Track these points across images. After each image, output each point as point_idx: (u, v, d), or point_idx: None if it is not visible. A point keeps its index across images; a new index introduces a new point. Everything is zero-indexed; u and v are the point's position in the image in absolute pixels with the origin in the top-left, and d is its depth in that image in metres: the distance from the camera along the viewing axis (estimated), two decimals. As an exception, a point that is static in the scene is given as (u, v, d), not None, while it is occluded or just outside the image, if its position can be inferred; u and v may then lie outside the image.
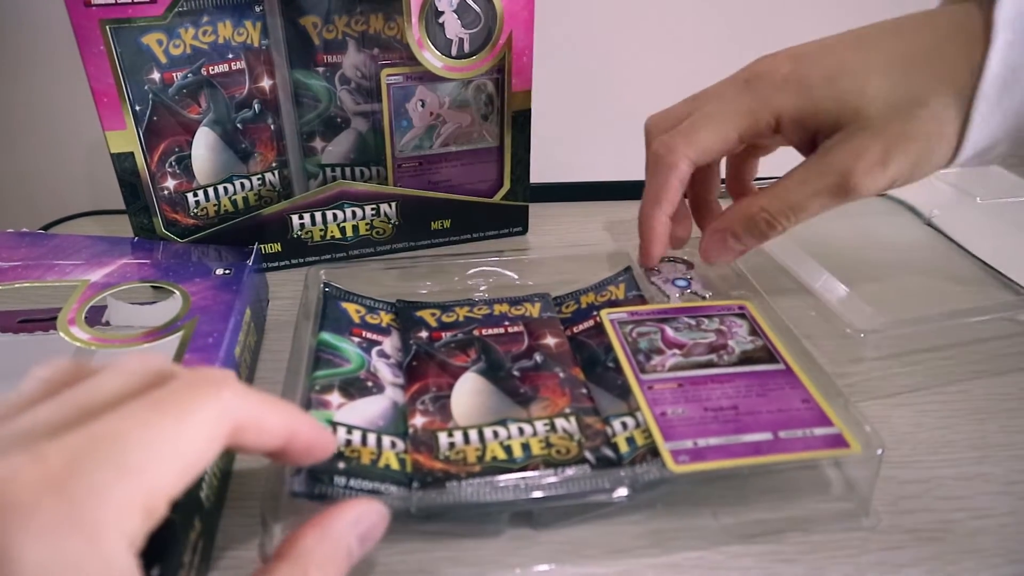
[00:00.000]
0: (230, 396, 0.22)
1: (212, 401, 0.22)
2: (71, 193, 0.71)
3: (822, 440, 0.32)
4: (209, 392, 0.22)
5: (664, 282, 0.44)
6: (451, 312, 0.42)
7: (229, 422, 0.22)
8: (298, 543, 0.25)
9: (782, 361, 0.37)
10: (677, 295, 0.43)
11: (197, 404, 0.22)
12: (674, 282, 0.44)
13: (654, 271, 0.45)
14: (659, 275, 0.45)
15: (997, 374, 0.42)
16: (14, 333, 0.40)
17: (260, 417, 0.24)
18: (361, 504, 0.27)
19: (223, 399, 0.22)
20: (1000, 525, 0.33)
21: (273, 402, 0.25)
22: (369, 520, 0.27)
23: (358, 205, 0.50)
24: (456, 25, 0.47)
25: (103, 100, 0.42)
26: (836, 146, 0.36)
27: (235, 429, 0.23)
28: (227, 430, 0.22)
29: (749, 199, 0.39)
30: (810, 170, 0.37)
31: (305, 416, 0.26)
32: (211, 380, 0.23)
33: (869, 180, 0.35)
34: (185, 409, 0.21)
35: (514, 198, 0.55)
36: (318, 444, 0.26)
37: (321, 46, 0.48)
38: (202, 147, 0.47)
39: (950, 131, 0.35)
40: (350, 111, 0.51)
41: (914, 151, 0.35)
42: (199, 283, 0.41)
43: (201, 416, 0.21)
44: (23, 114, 0.67)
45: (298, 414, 0.26)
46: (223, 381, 0.23)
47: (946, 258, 0.52)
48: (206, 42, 0.45)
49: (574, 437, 0.34)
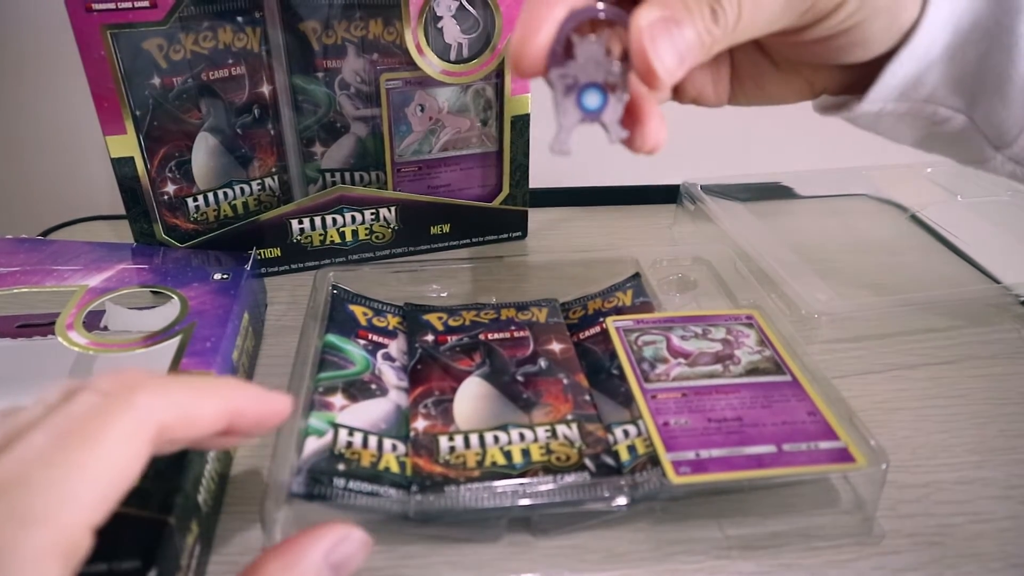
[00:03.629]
0: (146, 400, 0.21)
1: (124, 413, 0.20)
2: (72, 198, 0.71)
3: (827, 454, 0.32)
4: (119, 404, 0.20)
5: (565, 90, 0.27)
6: (458, 316, 0.42)
7: (150, 428, 0.21)
8: (260, 572, 0.22)
9: (789, 372, 0.36)
10: (575, 120, 0.27)
11: (107, 422, 0.20)
12: (581, 95, 0.27)
13: (556, 66, 0.27)
14: (563, 75, 0.27)
15: (997, 379, 0.42)
16: (12, 338, 0.39)
17: (188, 409, 0.22)
18: (338, 530, 0.24)
19: (137, 406, 0.21)
20: (1000, 530, 0.33)
21: (202, 387, 0.23)
22: (346, 549, 0.24)
23: (357, 210, 0.50)
24: (455, 30, 0.47)
25: (103, 105, 0.42)
26: None
27: (161, 430, 0.21)
28: (149, 436, 0.21)
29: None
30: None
31: (244, 388, 0.25)
32: (123, 388, 0.21)
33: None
34: (92, 432, 0.20)
35: (513, 203, 0.55)
36: (269, 412, 0.25)
37: (320, 51, 0.48)
38: (202, 152, 0.47)
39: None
40: (349, 116, 0.51)
41: None
42: (197, 288, 0.41)
43: (113, 434, 0.20)
44: (24, 119, 0.67)
45: (235, 389, 0.24)
46: (136, 385, 0.21)
47: (926, 251, 0.55)
48: (206, 47, 0.45)
49: (575, 444, 0.33)
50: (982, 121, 0.32)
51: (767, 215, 0.57)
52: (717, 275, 0.47)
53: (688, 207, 0.55)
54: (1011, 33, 0.29)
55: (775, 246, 0.48)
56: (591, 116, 0.27)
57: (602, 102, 0.27)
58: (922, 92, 0.31)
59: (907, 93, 0.31)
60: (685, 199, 0.56)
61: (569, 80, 0.27)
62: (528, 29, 0.26)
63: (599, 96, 0.27)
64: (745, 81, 0.34)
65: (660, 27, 0.26)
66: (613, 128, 0.28)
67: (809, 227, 0.58)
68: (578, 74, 0.27)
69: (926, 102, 0.32)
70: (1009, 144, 0.32)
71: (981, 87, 0.31)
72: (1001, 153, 0.33)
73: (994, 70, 0.30)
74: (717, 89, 0.34)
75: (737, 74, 0.34)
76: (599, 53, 0.27)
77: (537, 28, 0.26)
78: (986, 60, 0.30)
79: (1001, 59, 0.30)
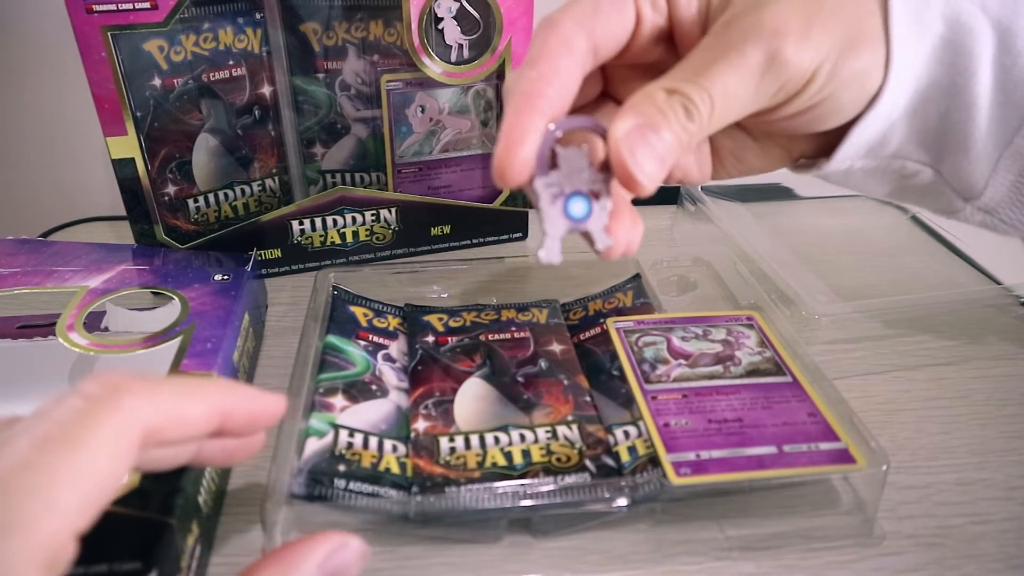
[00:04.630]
0: (132, 402, 0.21)
1: (109, 416, 0.20)
2: (72, 199, 0.71)
3: (827, 455, 0.32)
4: (104, 407, 0.20)
5: (551, 200, 0.27)
6: (458, 317, 0.42)
7: (137, 431, 0.20)
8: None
9: (789, 373, 0.37)
10: (563, 229, 0.27)
11: (91, 425, 0.20)
12: (567, 204, 0.27)
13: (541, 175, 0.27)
14: (549, 184, 0.27)
15: (997, 380, 0.42)
16: (13, 339, 0.39)
17: (176, 410, 0.22)
18: (333, 539, 0.24)
19: (123, 409, 0.20)
20: (1000, 531, 0.33)
21: (190, 388, 0.23)
22: (343, 558, 0.23)
23: (358, 211, 0.50)
24: (455, 31, 0.47)
25: (104, 106, 0.42)
26: (747, 14, 0.28)
27: (149, 433, 0.21)
28: (136, 439, 0.20)
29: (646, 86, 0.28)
30: (719, 44, 0.28)
31: (236, 389, 0.24)
32: (108, 390, 0.21)
33: (799, 51, 0.27)
34: (75, 437, 0.19)
35: (514, 204, 0.55)
36: (261, 412, 0.25)
37: (321, 52, 0.48)
38: (203, 153, 0.47)
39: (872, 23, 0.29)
40: (350, 117, 0.51)
41: (834, 28, 0.28)
42: (198, 289, 0.41)
43: (98, 438, 0.20)
44: (25, 120, 0.67)
45: (226, 390, 0.24)
46: (123, 388, 0.21)
47: (926, 252, 0.55)
48: (207, 49, 0.45)
49: (575, 445, 0.33)
50: (949, 174, 0.32)
51: (767, 216, 0.57)
52: (717, 276, 0.48)
53: (689, 208, 0.56)
54: (967, 92, 0.30)
55: (775, 247, 0.49)
56: (578, 224, 0.28)
57: (588, 210, 0.27)
58: (888, 149, 0.32)
59: (874, 150, 0.32)
60: (686, 200, 0.56)
61: (554, 189, 0.27)
62: (511, 140, 0.26)
63: (585, 204, 0.27)
64: (726, 157, 0.35)
65: (637, 136, 0.26)
66: (599, 236, 0.28)
67: (809, 228, 0.58)
68: (563, 183, 0.27)
69: (893, 157, 0.33)
70: (977, 195, 0.32)
71: (945, 142, 0.31)
72: (970, 204, 0.33)
73: (956, 127, 0.31)
74: (701, 168, 0.35)
75: (717, 151, 0.35)
76: (582, 162, 0.27)
77: (520, 140, 0.26)
78: (947, 117, 0.31)
79: (961, 116, 0.30)
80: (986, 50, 0.29)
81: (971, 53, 0.29)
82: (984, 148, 0.31)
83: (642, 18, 0.29)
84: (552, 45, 0.28)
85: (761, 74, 0.27)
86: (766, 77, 0.27)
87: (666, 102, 0.27)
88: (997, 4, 0.30)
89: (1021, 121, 0.30)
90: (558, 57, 0.28)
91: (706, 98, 0.27)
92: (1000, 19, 0.29)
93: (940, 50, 0.30)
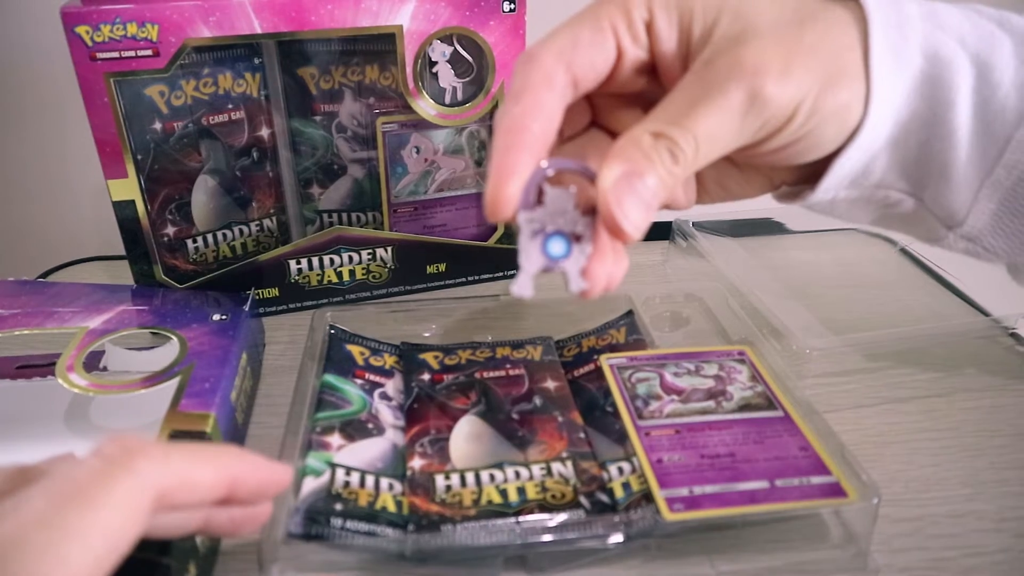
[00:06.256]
0: (146, 465, 0.21)
1: (123, 479, 0.21)
2: (74, 240, 0.72)
3: (819, 489, 0.32)
4: (120, 469, 0.21)
5: (532, 235, 0.28)
6: (454, 355, 0.42)
7: (149, 494, 0.21)
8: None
9: (781, 408, 0.37)
10: (538, 265, 0.28)
11: (107, 486, 0.20)
12: (546, 242, 0.28)
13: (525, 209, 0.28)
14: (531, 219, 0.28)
15: (987, 411, 0.43)
16: (12, 379, 0.40)
17: (188, 476, 0.23)
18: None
19: (137, 472, 0.21)
20: (993, 563, 0.33)
21: (203, 454, 0.24)
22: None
23: (355, 250, 0.51)
24: (449, 75, 0.48)
25: (105, 150, 0.43)
26: (727, 52, 0.28)
27: (160, 496, 0.22)
28: (147, 503, 0.21)
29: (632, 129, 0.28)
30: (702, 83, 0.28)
31: (245, 457, 0.25)
32: (124, 453, 0.21)
33: (780, 89, 0.28)
34: (91, 496, 0.20)
35: (509, 242, 0.55)
36: (269, 481, 0.26)
37: (318, 96, 0.49)
38: (202, 194, 0.48)
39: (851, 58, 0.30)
40: (346, 158, 0.52)
41: (814, 65, 0.29)
42: (196, 329, 0.41)
43: (113, 499, 0.20)
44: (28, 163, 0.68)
45: (236, 458, 0.25)
46: (138, 451, 0.22)
47: (916, 285, 0.56)
48: (206, 93, 0.46)
49: (570, 481, 0.34)
50: (931, 202, 0.33)
51: (758, 250, 0.58)
52: (709, 311, 0.48)
53: (680, 243, 0.56)
54: (947, 124, 0.31)
55: (766, 281, 0.49)
56: (553, 263, 0.28)
57: (567, 250, 0.28)
58: (871, 179, 0.33)
59: (857, 181, 0.33)
60: (677, 236, 0.57)
61: (536, 225, 0.28)
62: (500, 177, 0.27)
63: (564, 244, 0.28)
64: (709, 184, 0.36)
65: (624, 185, 0.27)
66: (574, 279, 0.28)
67: (800, 262, 0.59)
68: (545, 220, 0.28)
69: (876, 187, 0.33)
70: (959, 223, 0.33)
71: (926, 171, 0.32)
72: (953, 232, 0.34)
73: (937, 156, 0.31)
74: (687, 194, 0.36)
75: (701, 179, 0.36)
76: (568, 203, 0.28)
77: (508, 177, 0.27)
78: (928, 148, 0.31)
79: (942, 147, 0.31)
80: (965, 82, 0.30)
81: (950, 85, 0.30)
82: (965, 177, 0.32)
83: (623, 51, 0.30)
84: (534, 80, 0.28)
85: (743, 113, 0.28)
86: (748, 115, 0.28)
87: (652, 147, 0.27)
88: (975, 37, 0.31)
89: (1000, 151, 0.31)
90: (539, 91, 0.28)
91: (691, 140, 0.27)
92: (978, 52, 0.30)
93: (919, 83, 0.30)
